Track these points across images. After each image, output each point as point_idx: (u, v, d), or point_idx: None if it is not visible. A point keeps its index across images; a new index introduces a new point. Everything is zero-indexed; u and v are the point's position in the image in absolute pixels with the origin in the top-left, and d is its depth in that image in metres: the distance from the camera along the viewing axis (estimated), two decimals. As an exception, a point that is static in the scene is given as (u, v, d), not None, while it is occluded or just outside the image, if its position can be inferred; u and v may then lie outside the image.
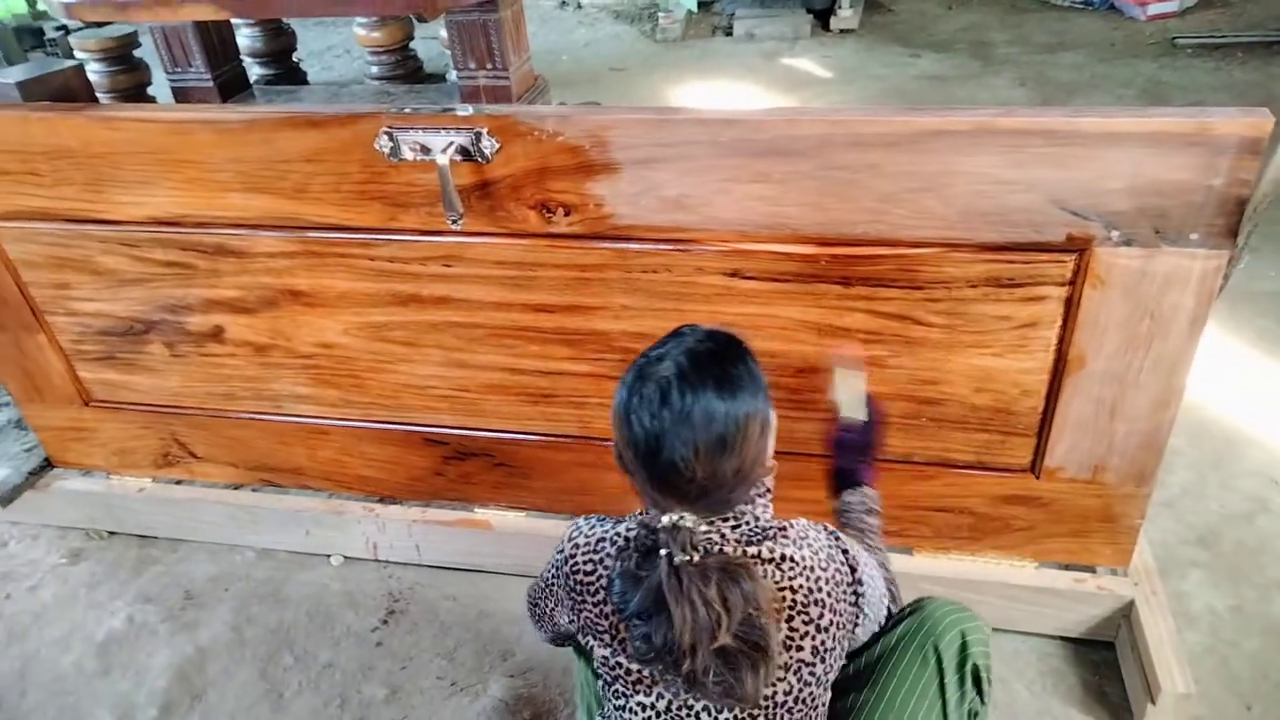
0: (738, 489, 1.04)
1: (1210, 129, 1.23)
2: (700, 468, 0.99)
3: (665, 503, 1.03)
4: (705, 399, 0.99)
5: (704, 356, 1.02)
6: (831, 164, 1.37)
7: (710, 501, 1.03)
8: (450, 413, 1.85)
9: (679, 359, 1.02)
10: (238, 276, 1.75)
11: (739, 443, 1.00)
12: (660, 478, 1.01)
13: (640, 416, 1.00)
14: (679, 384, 0.99)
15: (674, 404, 0.99)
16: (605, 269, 1.57)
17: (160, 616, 1.96)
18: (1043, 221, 1.36)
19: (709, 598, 0.97)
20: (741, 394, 1.01)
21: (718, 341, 1.06)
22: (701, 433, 0.98)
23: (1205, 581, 1.89)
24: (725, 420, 0.99)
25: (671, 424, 0.98)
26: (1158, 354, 1.44)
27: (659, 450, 0.99)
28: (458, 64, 3.82)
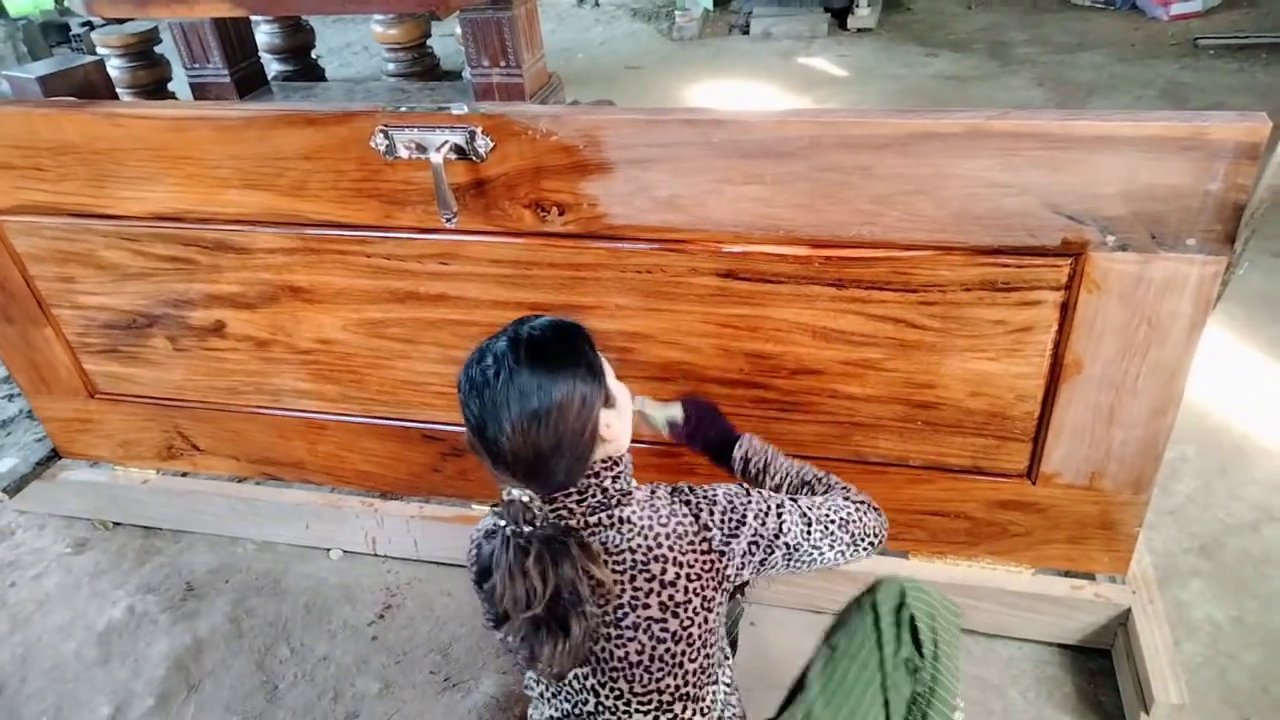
0: (565, 463, 1.08)
1: (1206, 133, 1.21)
2: (519, 442, 1.04)
3: (504, 480, 1.08)
4: (521, 379, 1.05)
5: (529, 341, 1.08)
6: (823, 165, 1.36)
7: (543, 477, 1.08)
8: (447, 409, 1.86)
9: (506, 344, 1.08)
10: (238, 272, 1.76)
11: (554, 418, 1.05)
12: (492, 455, 1.07)
13: (469, 399, 1.07)
14: (502, 366, 1.06)
15: (494, 385, 1.05)
16: (600, 268, 1.57)
17: (161, 607, 1.98)
18: (1037, 225, 1.34)
19: (526, 568, 1.04)
20: (560, 374, 1.06)
21: (549, 328, 1.11)
22: (515, 410, 1.04)
23: (1206, 591, 1.86)
24: (538, 397, 1.04)
25: (492, 403, 1.05)
26: (1155, 360, 1.42)
27: (484, 428, 1.06)
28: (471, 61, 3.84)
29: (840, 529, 1.22)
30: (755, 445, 1.40)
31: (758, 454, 1.39)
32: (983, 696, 1.69)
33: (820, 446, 1.69)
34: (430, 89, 4.16)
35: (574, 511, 1.11)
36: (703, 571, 1.13)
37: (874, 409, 1.61)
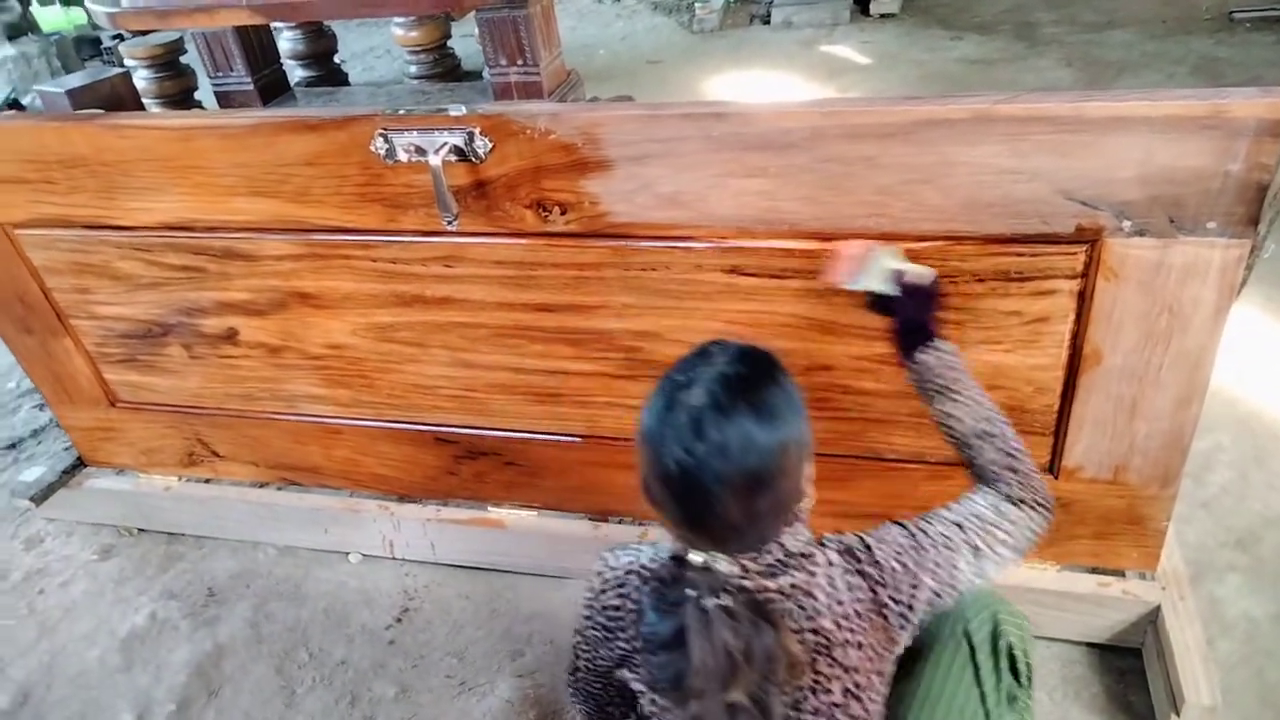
0: (770, 523, 0.99)
1: (1226, 111, 1.16)
2: (736, 507, 0.93)
3: (696, 540, 0.98)
4: (742, 429, 0.92)
5: (737, 381, 0.96)
6: (826, 156, 1.33)
7: (739, 538, 0.98)
8: (459, 412, 1.85)
9: (710, 385, 0.95)
10: (247, 279, 1.76)
11: (778, 475, 0.95)
12: (692, 516, 0.96)
13: (671, 450, 0.93)
14: (713, 413, 0.92)
15: (709, 436, 0.92)
16: (604, 267, 1.55)
17: (182, 613, 2.00)
18: (1050, 212, 1.30)
19: (730, 646, 0.93)
20: (779, 420, 0.95)
21: (749, 363, 0.99)
22: (738, 467, 0.92)
23: (1243, 587, 1.80)
24: (764, 452, 0.93)
25: (706, 458, 0.92)
26: (1178, 349, 1.37)
27: (692, 487, 0.93)
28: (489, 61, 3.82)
29: (1011, 552, 1.09)
30: (947, 359, 1.22)
31: (945, 374, 1.21)
32: (1008, 697, 1.64)
33: (835, 443, 1.65)
34: (450, 90, 4.16)
35: (748, 571, 0.99)
36: (881, 650, 1.04)
37: (888, 404, 1.58)
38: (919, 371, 1.24)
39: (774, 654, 0.94)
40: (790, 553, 1.01)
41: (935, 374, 1.22)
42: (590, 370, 1.69)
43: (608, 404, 1.74)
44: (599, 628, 1.12)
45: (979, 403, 1.19)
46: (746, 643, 0.94)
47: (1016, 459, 1.15)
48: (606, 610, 1.10)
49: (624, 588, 1.09)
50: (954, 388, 1.20)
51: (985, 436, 1.17)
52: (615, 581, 1.10)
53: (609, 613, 1.10)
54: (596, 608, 1.12)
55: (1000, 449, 1.16)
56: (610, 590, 1.10)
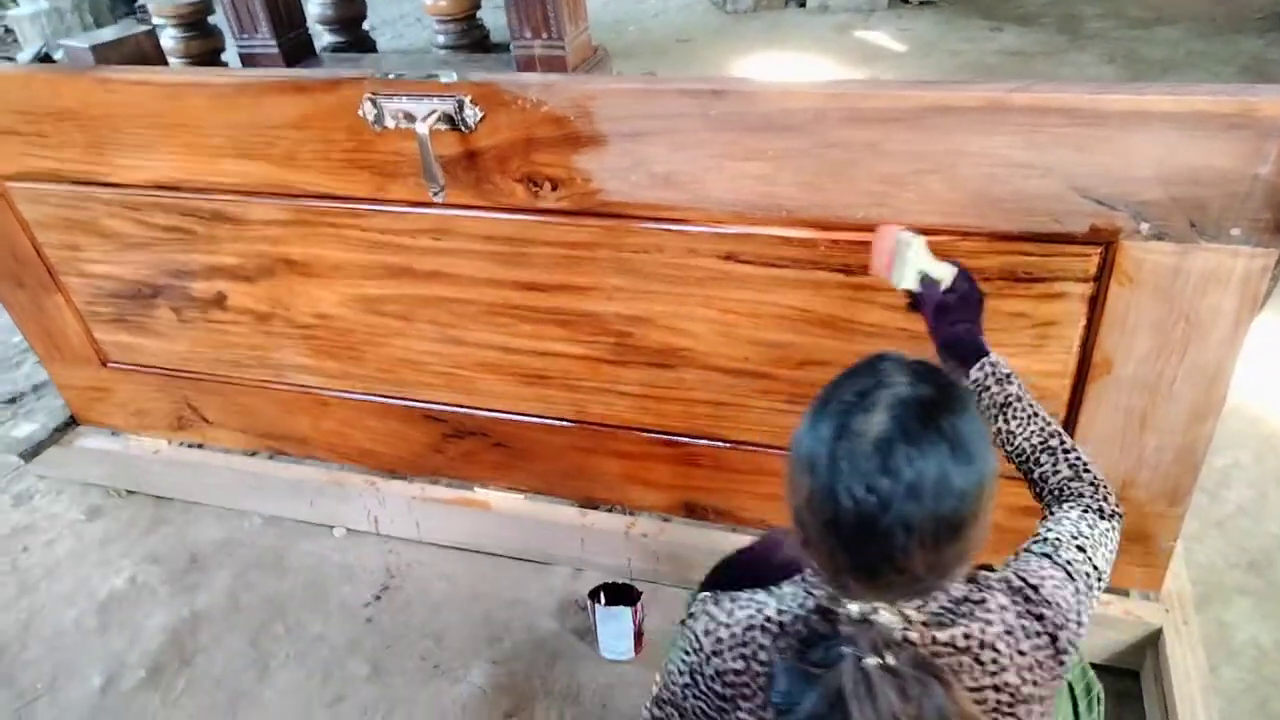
0: (955, 573, 0.85)
1: (1255, 110, 1.08)
2: (921, 556, 0.79)
3: (856, 589, 0.83)
4: (938, 465, 0.78)
5: (926, 406, 0.81)
6: (828, 141, 1.26)
7: (915, 589, 0.84)
8: (447, 389, 1.80)
9: (897, 409, 0.80)
10: (235, 243, 1.72)
11: (972, 519, 0.81)
12: (863, 563, 0.81)
13: (849, 486, 0.78)
14: (903, 445, 0.78)
15: (899, 473, 0.77)
16: (596, 247, 1.49)
17: (162, 578, 1.97)
18: (1063, 210, 1.22)
19: (898, 712, 0.79)
20: (976, 454, 0.80)
21: (934, 384, 0.84)
22: (930, 511, 0.78)
23: (1253, 612, 1.72)
24: (961, 493, 0.79)
25: (893, 499, 0.77)
26: (1194, 361, 1.29)
27: (870, 531, 0.78)
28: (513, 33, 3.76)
29: (1107, 565, 0.99)
30: (1001, 371, 1.11)
31: (1002, 390, 1.10)
32: (996, 714, 1.58)
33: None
34: (475, 60, 4.11)
35: (911, 621, 0.84)
36: (1050, 694, 0.90)
37: (886, 404, 1.51)
38: (972, 390, 1.13)
39: (947, 717, 0.81)
40: (956, 597, 0.87)
41: (990, 393, 1.11)
42: (579, 353, 1.64)
43: (596, 389, 1.68)
44: (709, 696, 0.93)
45: (1039, 415, 1.09)
46: (917, 707, 0.79)
47: (1090, 470, 1.06)
48: (723, 676, 0.91)
49: (747, 647, 0.91)
50: (1012, 404, 1.10)
51: (1052, 452, 1.07)
52: (734, 641, 0.91)
53: (727, 679, 0.91)
54: (706, 674, 0.93)
55: (1072, 464, 1.06)
56: (729, 652, 0.91)
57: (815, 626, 0.86)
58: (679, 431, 1.69)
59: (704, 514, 1.81)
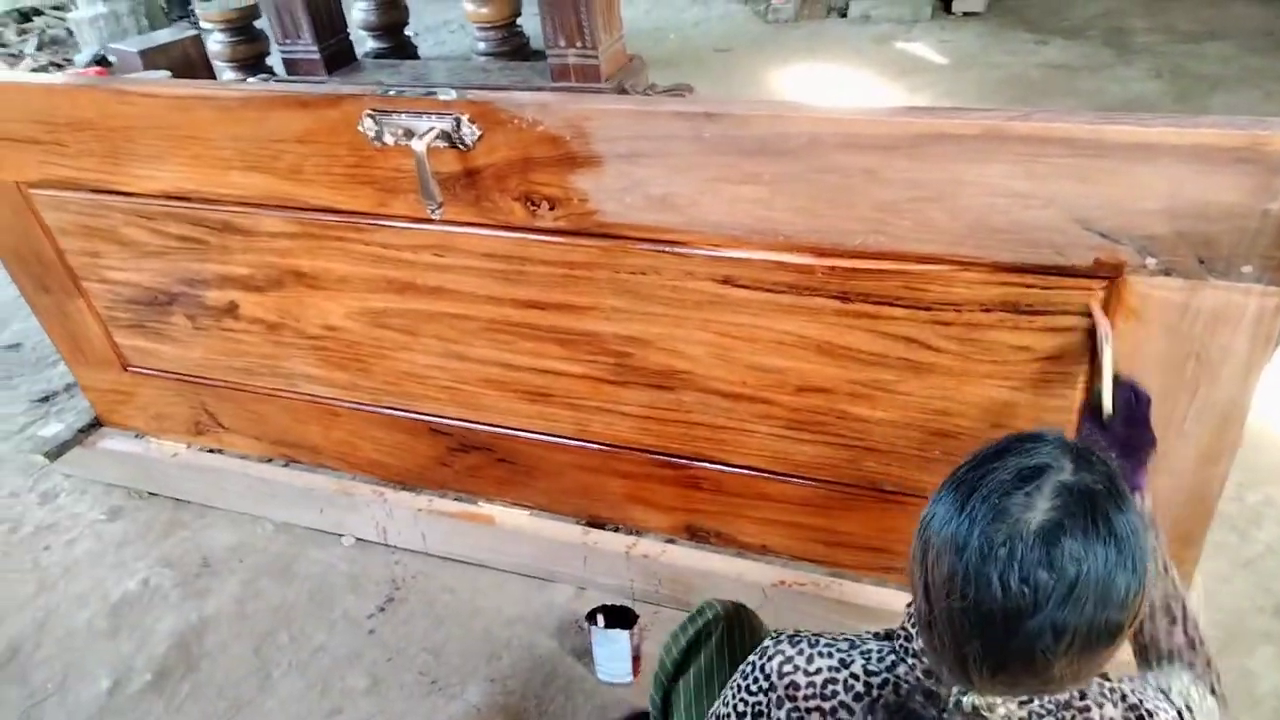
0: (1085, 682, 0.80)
1: (1264, 144, 1.03)
2: (1066, 663, 0.72)
3: (978, 681, 0.76)
4: (1106, 566, 0.71)
5: (1095, 498, 0.73)
6: (824, 167, 1.23)
7: (1041, 691, 0.78)
8: (452, 404, 1.81)
9: (1063, 497, 0.73)
10: (245, 254, 1.74)
11: (1127, 626, 0.74)
12: (996, 659, 0.73)
13: (1007, 576, 0.71)
14: (1070, 540, 0.71)
15: (1065, 570, 0.70)
16: (593, 268, 1.48)
17: (174, 582, 2.00)
18: (1065, 242, 1.18)
19: None
20: (1140, 556, 0.73)
21: (1102, 472, 0.76)
22: (1089, 618, 0.71)
23: (1278, 660, 1.65)
24: (1123, 602, 0.72)
25: (1054, 599, 0.70)
26: (1205, 400, 1.24)
27: (1017, 630, 0.71)
28: (547, 42, 3.78)
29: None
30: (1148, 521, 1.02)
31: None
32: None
33: (831, 470, 1.56)
34: (510, 69, 4.13)
35: (1010, 715, 0.79)
36: None
37: (887, 434, 1.47)
38: None
39: None
40: (1061, 702, 0.80)
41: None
42: (580, 372, 1.63)
43: (597, 408, 1.67)
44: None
45: (1169, 579, 1.03)
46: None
47: (1206, 647, 1.00)
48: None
49: (827, 701, 0.85)
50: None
51: (1172, 618, 1.01)
52: (813, 692, 0.86)
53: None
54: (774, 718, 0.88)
55: (1189, 635, 1.00)
56: (806, 703, 0.86)
57: (915, 706, 0.81)
58: (680, 453, 1.67)
59: (706, 537, 1.79)
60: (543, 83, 3.89)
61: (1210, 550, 1.83)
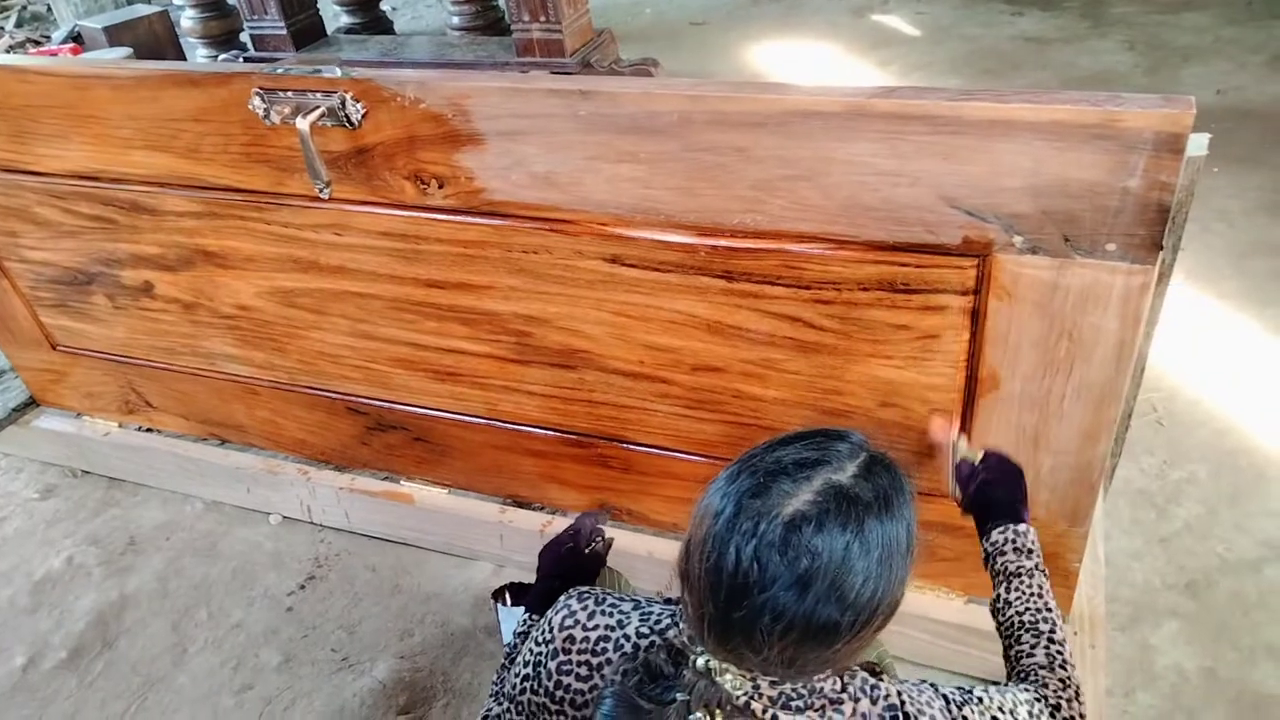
0: (815, 673, 0.79)
1: (1119, 120, 1.01)
2: (780, 649, 0.74)
3: (712, 644, 0.78)
4: (839, 567, 0.72)
5: (857, 505, 0.75)
6: (696, 145, 1.22)
7: (767, 671, 0.78)
8: (365, 384, 1.80)
9: (826, 496, 0.75)
10: (155, 234, 1.73)
11: (851, 637, 0.75)
12: (724, 626, 0.75)
13: (742, 548, 0.73)
14: (815, 534, 0.73)
15: (797, 560, 0.72)
16: (487, 246, 1.47)
17: (98, 560, 2.01)
18: (935, 221, 1.17)
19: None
20: (885, 574, 0.75)
21: (881, 484, 0.77)
22: (808, 612, 0.73)
23: (1180, 636, 1.65)
24: (851, 606, 0.73)
25: (778, 582, 0.72)
26: (1081, 380, 1.23)
27: (741, 603, 0.73)
28: (511, 16, 3.74)
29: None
30: (1024, 543, 1.09)
31: (1015, 559, 1.08)
32: (895, 732, 1.54)
33: (731, 448, 1.55)
34: (478, 44, 4.09)
35: (760, 692, 0.78)
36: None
37: (781, 412, 1.47)
38: (988, 550, 1.12)
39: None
40: (814, 689, 0.81)
41: (1005, 558, 1.09)
42: (484, 352, 1.62)
43: (505, 388, 1.66)
44: (544, 694, 0.90)
45: (1043, 601, 1.05)
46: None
47: (1067, 670, 1.00)
48: (566, 679, 0.89)
49: (597, 656, 0.88)
50: (1022, 577, 1.07)
51: (1037, 635, 1.03)
52: (585, 647, 0.88)
53: (570, 681, 0.89)
54: (548, 669, 0.90)
55: (1050, 654, 1.01)
56: (576, 656, 0.88)
57: (659, 662, 0.82)
58: (586, 432, 1.67)
59: (619, 515, 1.79)
60: (508, 58, 3.85)
61: (1128, 526, 1.84)
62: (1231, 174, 3.02)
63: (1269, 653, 1.60)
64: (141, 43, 4.92)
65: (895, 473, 0.80)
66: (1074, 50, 4.20)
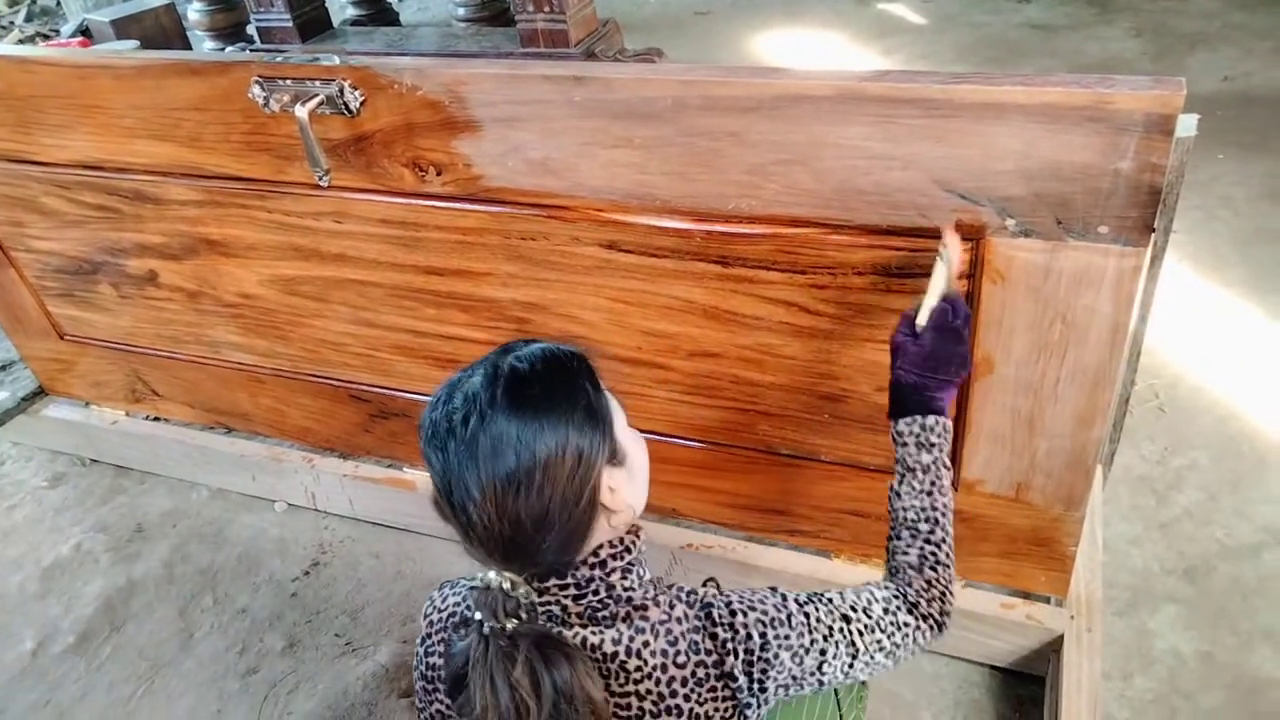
0: (556, 540, 0.85)
1: (1110, 102, 1.01)
2: (491, 512, 0.83)
3: (478, 557, 0.87)
4: (496, 427, 0.83)
5: (511, 377, 0.86)
6: (691, 130, 1.22)
7: (525, 557, 0.86)
8: (367, 371, 1.82)
9: (481, 380, 0.86)
10: (159, 223, 1.75)
11: (538, 480, 0.83)
12: (461, 525, 0.86)
13: (429, 450, 0.86)
14: (472, 410, 0.84)
15: (459, 435, 0.83)
16: (485, 233, 1.48)
17: (106, 546, 2.04)
18: (927, 204, 1.17)
19: (515, 679, 0.81)
20: (549, 419, 0.84)
21: (537, 360, 0.88)
22: (486, 469, 0.82)
23: (1178, 620, 1.65)
24: (516, 451, 0.82)
25: (457, 460, 0.83)
26: (1075, 364, 1.24)
27: (449, 490, 0.85)
28: (515, 7, 3.75)
29: (886, 657, 0.97)
30: (928, 439, 1.07)
31: (915, 454, 1.07)
32: (892, 715, 1.55)
33: (729, 434, 1.57)
34: (483, 35, 4.10)
35: (568, 612, 0.89)
36: (717, 714, 0.90)
37: (778, 398, 1.48)
38: (892, 436, 1.10)
39: (570, 694, 0.82)
40: (620, 597, 0.89)
41: (906, 449, 1.08)
42: (484, 338, 1.63)
43: (504, 374, 1.67)
44: (423, 681, 0.98)
45: (935, 500, 1.06)
46: (534, 675, 0.81)
47: (936, 571, 1.03)
48: (431, 658, 0.96)
49: (443, 632, 0.95)
50: (915, 472, 1.07)
51: (915, 534, 1.05)
52: (440, 624, 0.96)
53: (432, 660, 0.96)
54: (419, 655, 0.98)
55: (925, 554, 1.04)
56: (435, 638, 0.96)
57: (467, 609, 0.91)
58: (585, 419, 1.68)
59: (619, 501, 1.80)
60: (512, 48, 3.85)
61: (1128, 512, 1.84)
62: (1237, 160, 3.01)
63: (1266, 637, 1.60)
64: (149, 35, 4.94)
65: (565, 350, 0.93)
66: (1081, 37, 4.18)
